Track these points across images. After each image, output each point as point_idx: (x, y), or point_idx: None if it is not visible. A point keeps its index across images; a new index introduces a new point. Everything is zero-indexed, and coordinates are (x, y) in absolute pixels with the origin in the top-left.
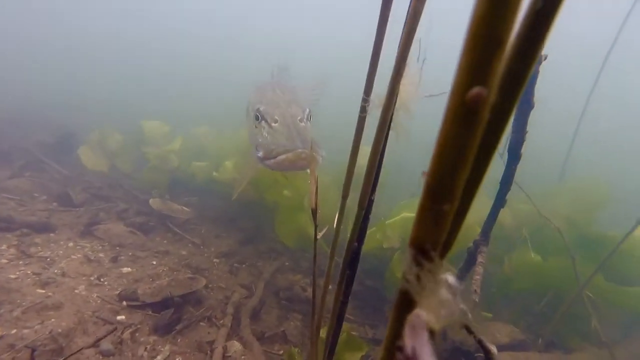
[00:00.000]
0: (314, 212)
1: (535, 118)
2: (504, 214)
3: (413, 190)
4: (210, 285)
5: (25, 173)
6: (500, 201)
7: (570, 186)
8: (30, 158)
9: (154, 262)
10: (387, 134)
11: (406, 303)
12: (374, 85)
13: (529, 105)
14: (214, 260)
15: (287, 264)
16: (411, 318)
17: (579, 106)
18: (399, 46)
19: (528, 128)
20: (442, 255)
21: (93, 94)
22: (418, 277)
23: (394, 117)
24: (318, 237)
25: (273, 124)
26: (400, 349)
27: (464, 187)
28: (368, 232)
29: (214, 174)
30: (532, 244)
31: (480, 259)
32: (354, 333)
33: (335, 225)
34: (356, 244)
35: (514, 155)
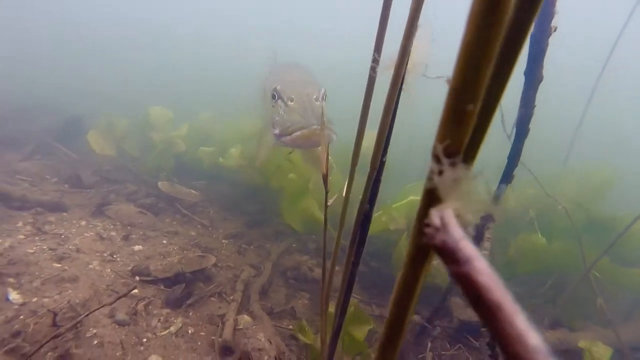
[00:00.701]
0: (325, 178)
1: (541, 98)
2: (508, 197)
3: (420, 173)
4: (219, 264)
5: (35, 156)
6: (507, 177)
7: (576, 169)
8: (39, 142)
9: (164, 242)
10: (399, 97)
11: (432, 200)
12: (384, 46)
13: (537, 78)
14: (223, 241)
15: (294, 245)
16: (437, 208)
17: (587, 88)
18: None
19: (536, 103)
20: (468, 157)
21: (99, 81)
22: (442, 173)
23: (405, 78)
24: (329, 203)
25: (289, 103)
26: (428, 225)
27: (488, 87)
28: (374, 215)
29: (220, 160)
30: (537, 227)
31: (487, 234)
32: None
33: (344, 193)
34: (367, 205)
35: (522, 130)
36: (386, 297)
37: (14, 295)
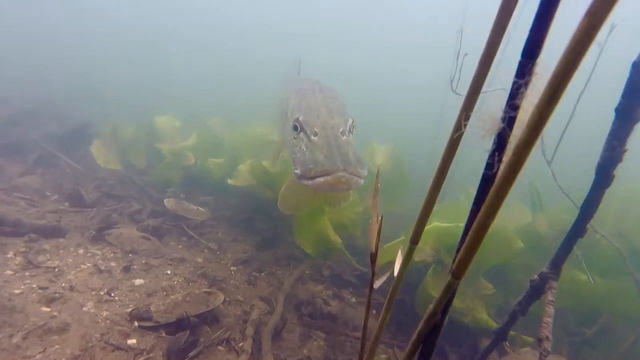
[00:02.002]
0: (373, 259)
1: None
2: (541, 221)
3: (441, 194)
4: (227, 299)
5: (37, 169)
6: (579, 229)
7: (619, 194)
8: (43, 152)
9: (168, 272)
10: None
11: None
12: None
13: (631, 118)
14: (231, 268)
15: (307, 272)
16: None
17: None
18: None
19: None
20: None
21: (110, 86)
22: None
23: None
24: (375, 286)
25: (312, 137)
26: None
27: None
28: (394, 242)
29: (229, 181)
30: (576, 259)
31: (549, 296)
32: (383, 356)
33: (396, 274)
34: (440, 315)
35: (605, 176)
36: (408, 336)
37: None
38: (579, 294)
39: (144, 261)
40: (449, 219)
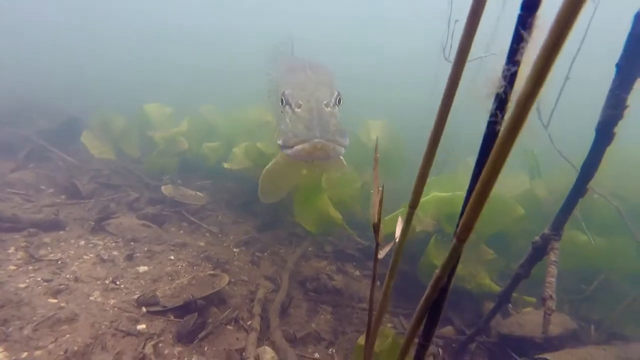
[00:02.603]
0: (376, 229)
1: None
2: (539, 187)
3: (439, 167)
4: (232, 280)
5: (29, 164)
6: (580, 190)
7: (617, 156)
8: (34, 146)
9: (172, 257)
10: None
11: None
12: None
13: (632, 73)
14: (234, 250)
15: (310, 249)
16: None
17: None
18: None
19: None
20: None
21: (95, 79)
22: None
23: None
24: (379, 256)
25: (296, 109)
26: None
27: None
28: (394, 214)
29: (225, 165)
30: (574, 220)
31: (552, 257)
32: (388, 325)
33: (397, 239)
34: (445, 279)
35: (605, 134)
36: (413, 305)
37: None
38: (579, 254)
39: (146, 248)
40: (448, 189)
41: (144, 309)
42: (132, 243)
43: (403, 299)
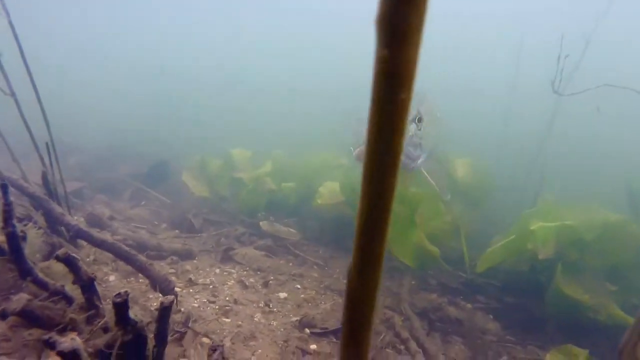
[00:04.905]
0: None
1: None
2: None
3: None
4: None
5: (140, 203)
6: None
7: None
8: (134, 188)
9: (298, 286)
10: None
11: None
12: None
13: None
14: (344, 282)
15: (412, 282)
16: None
17: None
18: None
19: None
20: None
21: (171, 125)
22: None
23: None
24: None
25: None
26: None
27: None
28: (505, 241)
29: (317, 200)
30: None
31: None
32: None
33: None
34: None
35: None
36: (540, 337)
37: None
38: None
39: (273, 277)
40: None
41: (307, 331)
42: (259, 272)
43: (521, 331)
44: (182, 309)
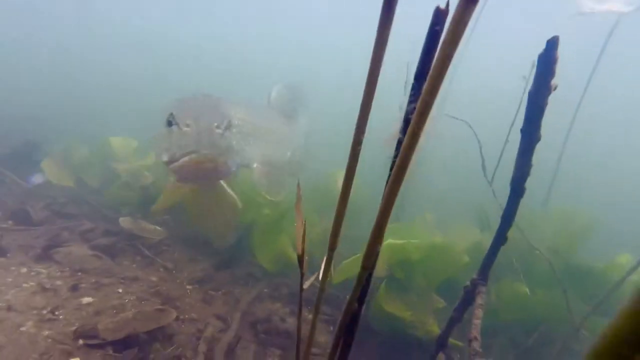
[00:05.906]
0: (300, 260)
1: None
2: (485, 241)
3: (396, 214)
4: (181, 317)
5: None
6: (501, 237)
7: (554, 214)
8: None
9: (120, 290)
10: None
11: None
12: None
13: (534, 138)
14: (187, 287)
15: (265, 290)
16: None
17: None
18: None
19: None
20: None
21: (62, 106)
22: None
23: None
24: (304, 287)
25: (184, 128)
26: None
27: None
28: (349, 260)
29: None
30: (516, 273)
31: (479, 300)
32: None
33: (321, 279)
34: (357, 305)
35: (518, 190)
36: (368, 353)
37: None
38: (521, 306)
39: (93, 280)
40: (404, 237)
41: (80, 342)
42: (79, 273)
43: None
44: None
